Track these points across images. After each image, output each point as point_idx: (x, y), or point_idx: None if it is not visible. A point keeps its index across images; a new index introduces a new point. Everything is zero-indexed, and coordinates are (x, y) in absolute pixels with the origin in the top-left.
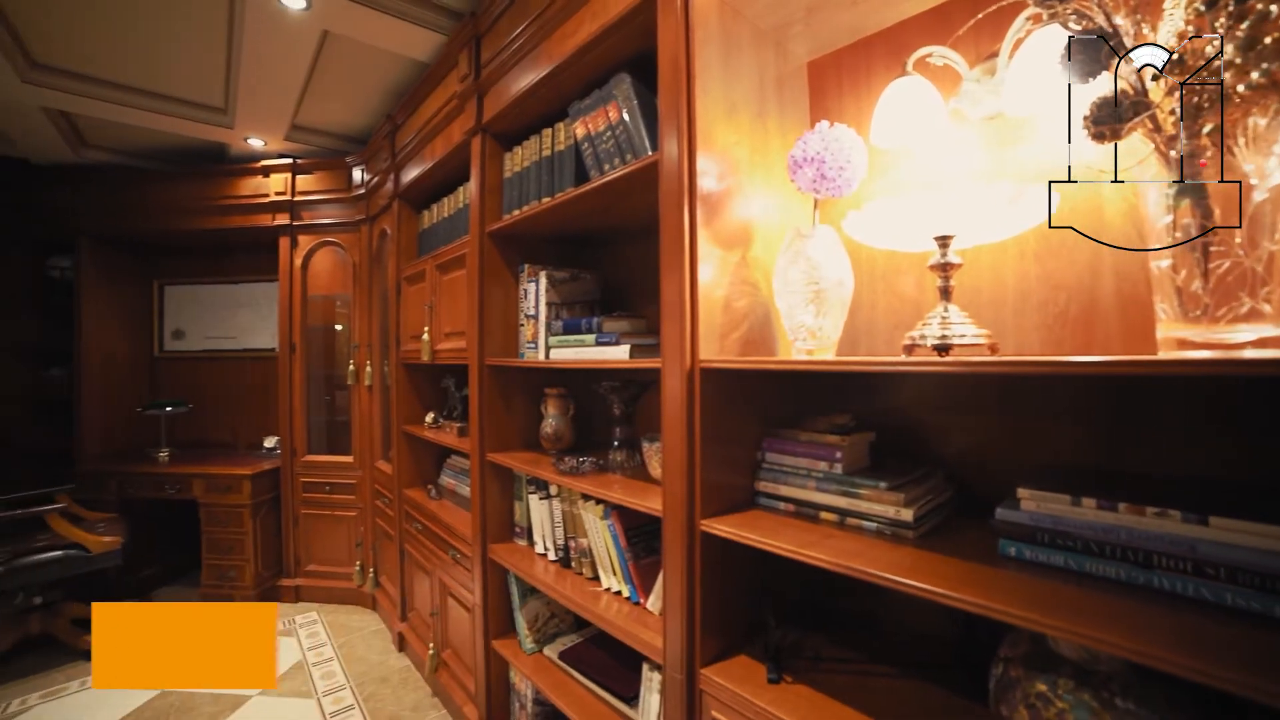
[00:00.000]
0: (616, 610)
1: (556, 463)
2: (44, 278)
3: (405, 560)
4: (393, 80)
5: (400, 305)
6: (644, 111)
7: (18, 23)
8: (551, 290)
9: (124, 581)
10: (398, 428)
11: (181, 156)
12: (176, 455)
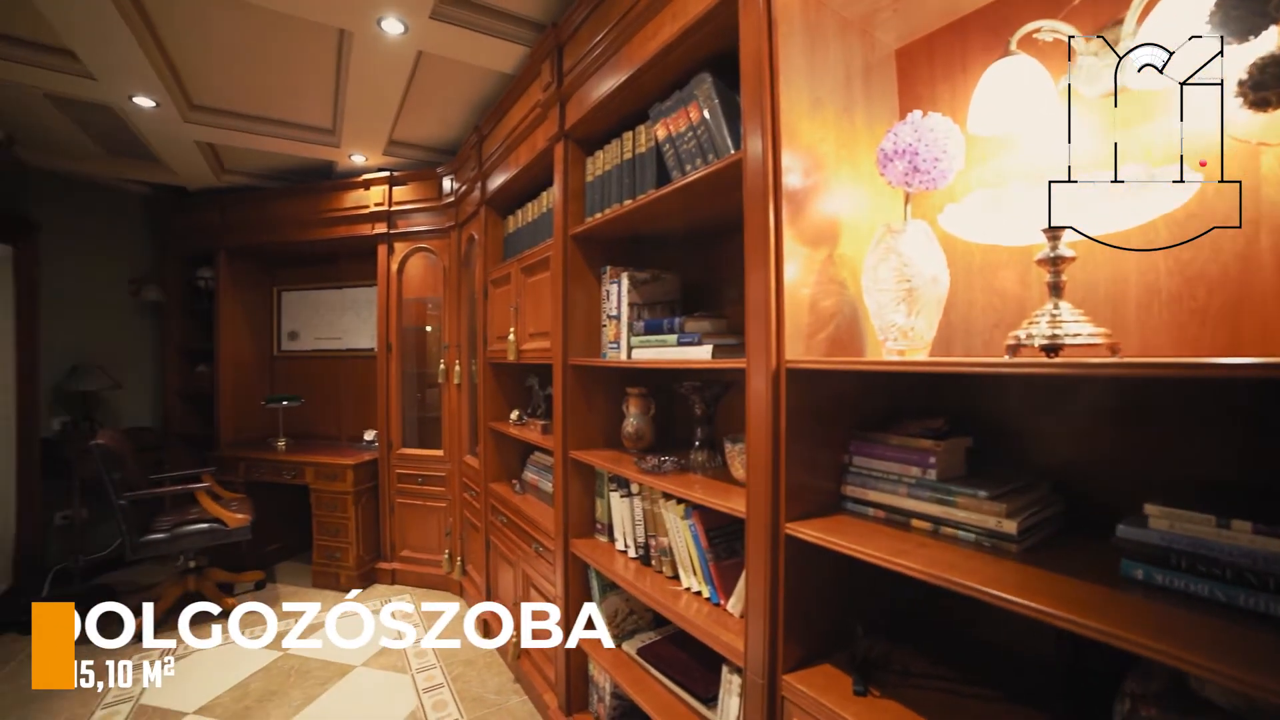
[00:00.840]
0: (696, 610)
1: (638, 461)
2: (193, 287)
3: (490, 550)
4: (479, 93)
5: (487, 307)
6: (725, 110)
7: (183, 73)
8: (633, 291)
9: (252, 554)
10: (484, 424)
11: (296, 175)
12: (292, 445)
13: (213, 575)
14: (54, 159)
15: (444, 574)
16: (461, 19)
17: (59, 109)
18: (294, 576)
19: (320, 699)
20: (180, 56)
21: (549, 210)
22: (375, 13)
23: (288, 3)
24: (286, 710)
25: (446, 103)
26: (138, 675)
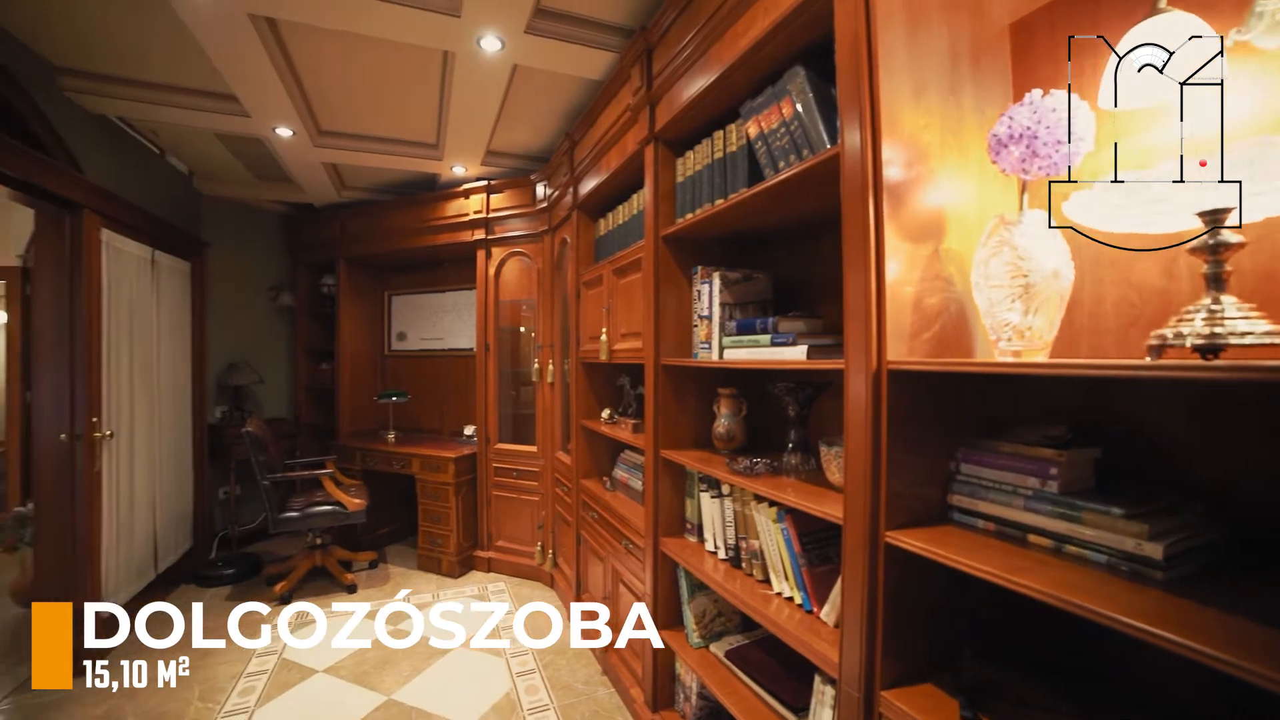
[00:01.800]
0: (788, 616)
1: (730, 462)
2: (318, 293)
3: (581, 545)
4: (570, 101)
5: (579, 308)
6: (820, 104)
7: (314, 103)
8: (725, 291)
9: (367, 536)
10: (576, 422)
11: (404, 188)
12: (400, 437)
13: (335, 552)
14: (218, 186)
15: (536, 565)
16: (553, 31)
17: (223, 144)
18: (401, 559)
19: (425, 672)
20: (312, 89)
21: (639, 212)
22: (475, 32)
23: (398, 31)
24: (397, 678)
25: (539, 112)
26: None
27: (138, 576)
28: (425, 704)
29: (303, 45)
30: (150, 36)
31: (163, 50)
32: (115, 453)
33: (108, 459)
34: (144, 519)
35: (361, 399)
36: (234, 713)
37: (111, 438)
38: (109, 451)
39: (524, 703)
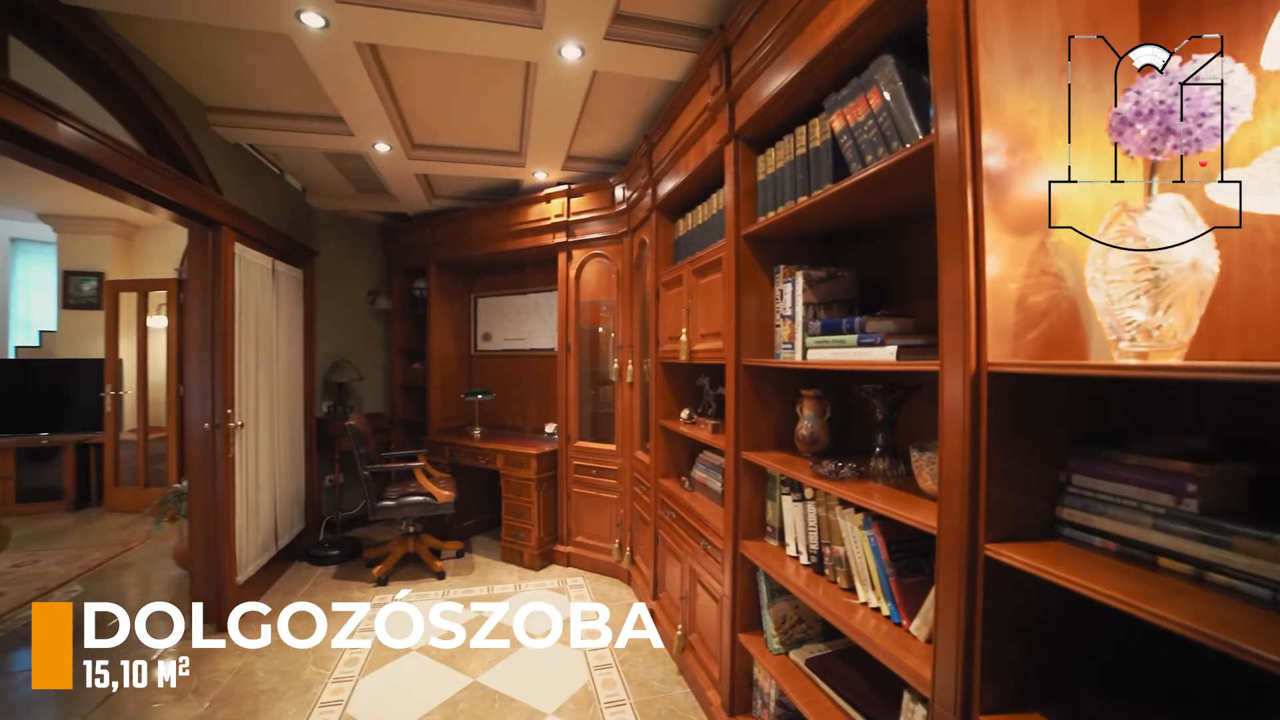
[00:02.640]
0: (874, 628)
1: (813, 465)
2: (411, 296)
3: (659, 544)
4: (647, 104)
5: (659, 308)
6: (911, 93)
7: (408, 119)
8: (809, 290)
9: (454, 526)
10: (655, 422)
11: (489, 194)
12: (485, 433)
13: (426, 541)
14: (325, 200)
15: (614, 562)
16: (631, 35)
17: (330, 161)
18: (486, 550)
19: (508, 659)
20: (406, 106)
21: (719, 211)
22: (556, 42)
23: (484, 47)
24: (482, 663)
25: (617, 116)
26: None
27: (262, 551)
28: (507, 689)
29: (398, 66)
30: (276, 72)
31: (284, 83)
32: (245, 441)
33: (239, 446)
34: (267, 500)
35: (450, 396)
36: (341, 680)
37: (241, 428)
38: (240, 440)
39: (601, 696)
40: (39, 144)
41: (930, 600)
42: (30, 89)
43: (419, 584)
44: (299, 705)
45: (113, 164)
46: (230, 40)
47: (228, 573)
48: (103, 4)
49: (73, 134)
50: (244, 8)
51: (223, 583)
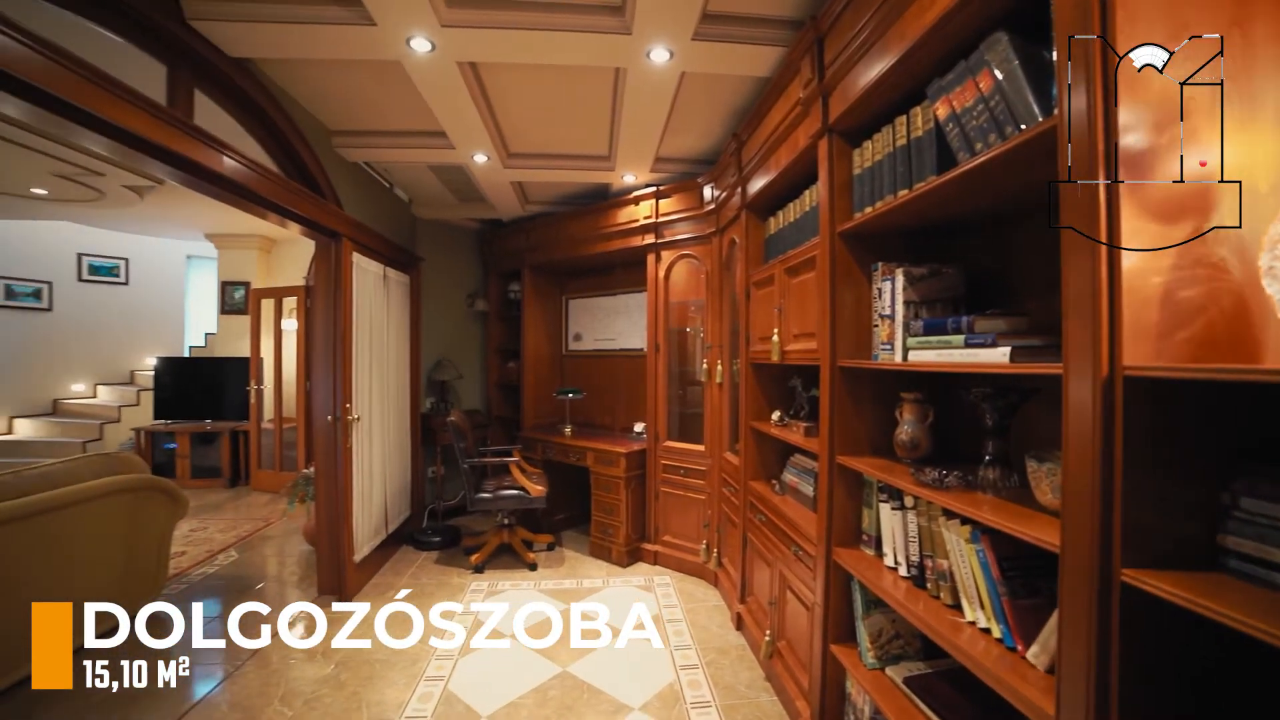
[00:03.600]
0: (984, 650)
1: (914, 473)
2: (506, 298)
3: (747, 547)
4: (736, 101)
5: (749, 308)
6: (1029, 71)
7: (504, 131)
8: (909, 288)
9: (545, 520)
10: (745, 423)
11: (580, 198)
12: (576, 431)
13: (519, 533)
14: (428, 210)
15: (701, 563)
16: (720, 34)
17: (434, 173)
18: (575, 544)
19: (596, 651)
20: (502, 118)
21: (812, 208)
22: (644, 46)
23: (575, 56)
24: (571, 654)
25: (705, 116)
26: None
27: (375, 534)
28: (595, 680)
29: (495, 80)
30: (389, 96)
31: (396, 104)
32: (360, 433)
33: (356, 438)
34: (378, 488)
35: (543, 395)
36: (444, 657)
37: (358, 421)
38: (356, 432)
39: (686, 696)
40: (210, 174)
41: (1051, 626)
42: (206, 130)
43: (512, 574)
44: (407, 676)
45: (260, 187)
46: (351, 70)
47: (347, 552)
48: (257, 53)
49: (233, 164)
50: (363, 40)
51: (343, 560)
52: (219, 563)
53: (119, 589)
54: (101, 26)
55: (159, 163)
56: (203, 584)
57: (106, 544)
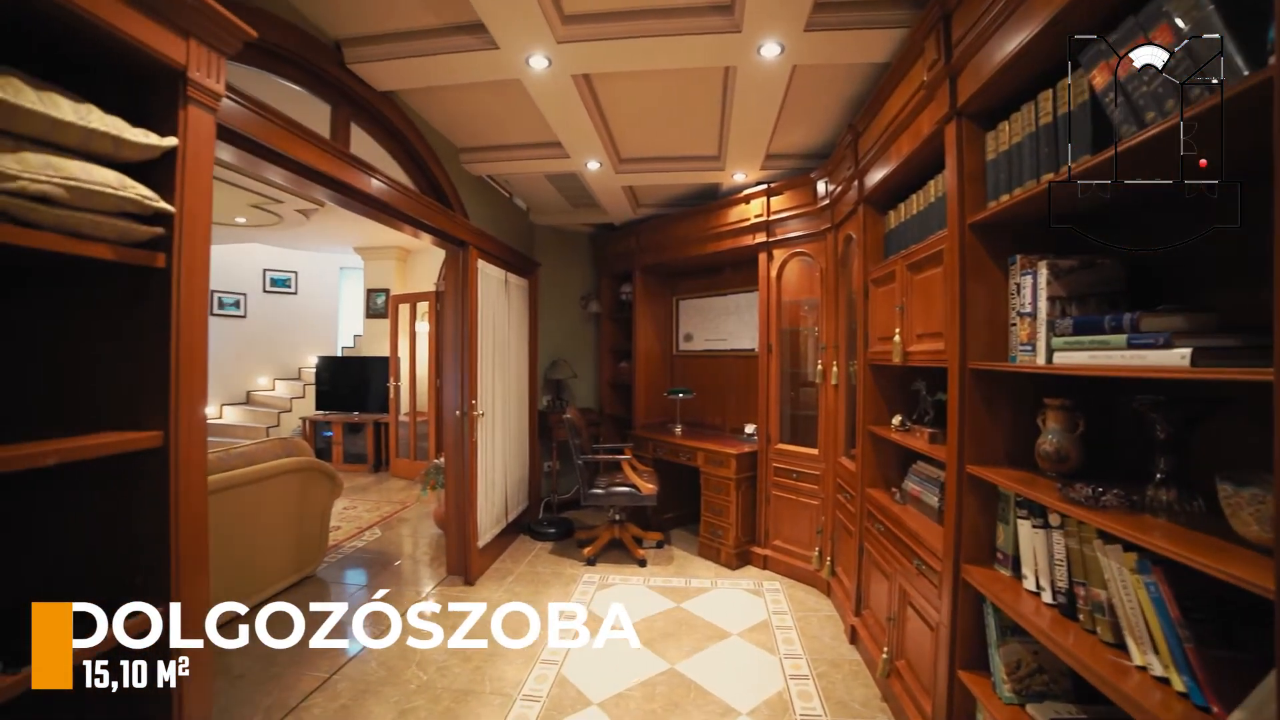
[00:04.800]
0: (1162, 704)
1: (1063, 488)
2: (618, 300)
3: (863, 557)
4: (850, 91)
5: (867, 307)
6: (1229, 16)
7: (615, 138)
8: (1055, 283)
9: (655, 518)
10: (863, 427)
11: (689, 200)
12: (685, 431)
13: (630, 529)
14: (544, 217)
15: (813, 570)
16: (834, 22)
17: (549, 182)
18: (684, 544)
19: (704, 651)
20: (614, 124)
21: (938, 199)
22: (755, 43)
23: (685, 59)
24: (678, 651)
25: (818, 109)
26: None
27: (496, 523)
28: (703, 681)
29: (606, 89)
30: (509, 111)
31: (515, 119)
32: (484, 428)
33: (481, 432)
34: (500, 479)
35: (653, 394)
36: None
37: (483, 416)
38: (481, 426)
39: (797, 707)
40: (362, 195)
41: (1267, 691)
42: (359, 158)
43: (622, 568)
44: (524, 658)
45: (399, 203)
46: (475, 92)
47: (472, 537)
48: (399, 85)
49: (379, 185)
50: (487, 63)
51: (468, 544)
52: (366, 539)
53: (294, 554)
54: (286, 80)
55: (323, 188)
56: (353, 556)
57: (284, 515)
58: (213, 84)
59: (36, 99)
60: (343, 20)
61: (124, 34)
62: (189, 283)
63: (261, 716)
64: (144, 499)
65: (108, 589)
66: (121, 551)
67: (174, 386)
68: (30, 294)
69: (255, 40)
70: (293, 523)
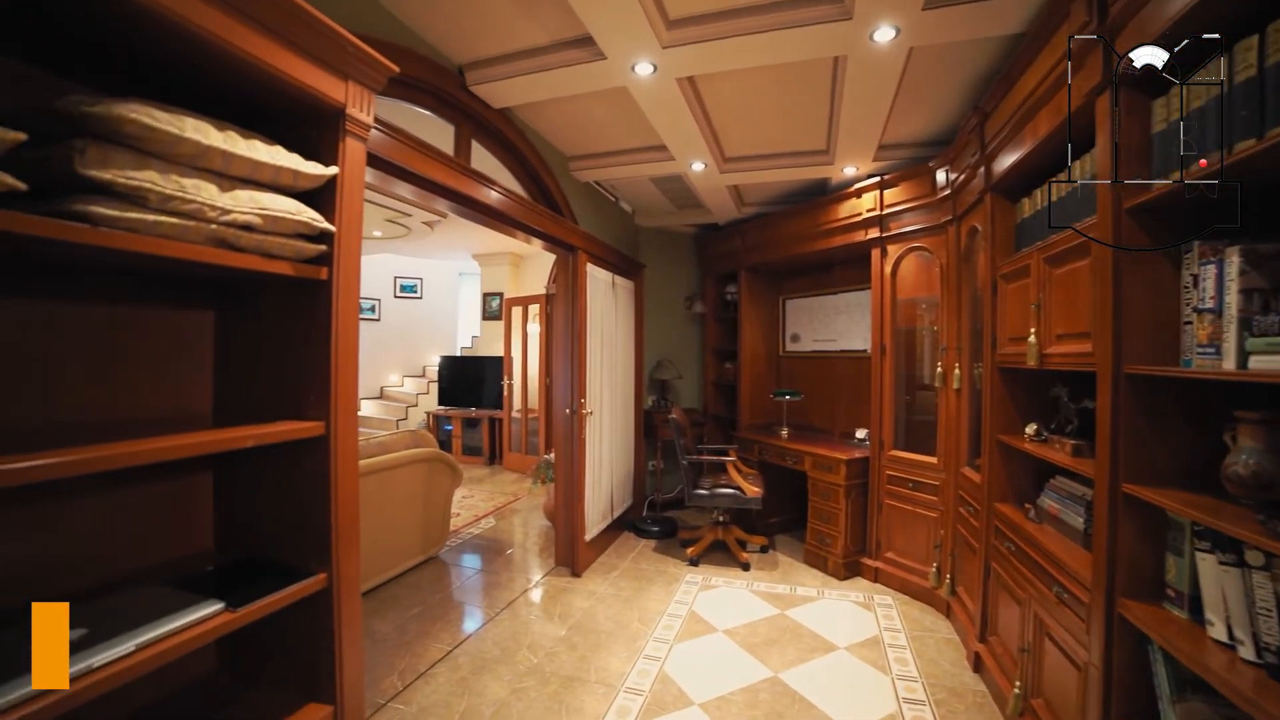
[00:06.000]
0: None
1: (1268, 521)
2: (723, 300)
3: (990, 578)
4: (975, 70)
5: (995, 305)
6: None
7: (721, 138)
8: (1251, 273)
9: (759, 522)
10: (989, 436)
11: (796, 196)
12: (792, 434)
13: (734, 531)
14: (649, 219)
15: (930, 587)
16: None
17: (654, 184)
18: (789, 550)
19: (809, 662)
20: (718, 124)
21: (1086, 181)
22: (867, 28)
23: (792, 53)
24: (782, 660)
25: (936, 93)
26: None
27: (602, 518)
28: (807, 693)
29: (710, 89)
30: (615, 119)
31: (621, 126)
32: (592, 426)
33: (588, 429)
34: (606, 476)
35: (759, 395)
36: (659, 640)
37: (591, 415)
38: (589, 424)
39: None
40: (481, 206)
41: None
42: (479, 171)
43: (725, 571)
44: (628, 650)
45: (514, 211)
46: (583, 101)
47: (579, 530)
48: (514, 101)
49: (496, 195)
50: (595, 74)
51: (576, 538)
52: (482, 527)
53: (421, 537)
54: (417, 106)
55: (447, 200)
56: (470, 542)
57: (413, 500)
58: (365, 117)
59: (246, 146)
60: (466, 47)
61: (301, 83)
62: (345, 292)
63: (396, 677)
64: (309, 479)
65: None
66: (291, 520)
67: (333, 383)
68: (230, 309)
69: (396, 75)
70: (419, 508)
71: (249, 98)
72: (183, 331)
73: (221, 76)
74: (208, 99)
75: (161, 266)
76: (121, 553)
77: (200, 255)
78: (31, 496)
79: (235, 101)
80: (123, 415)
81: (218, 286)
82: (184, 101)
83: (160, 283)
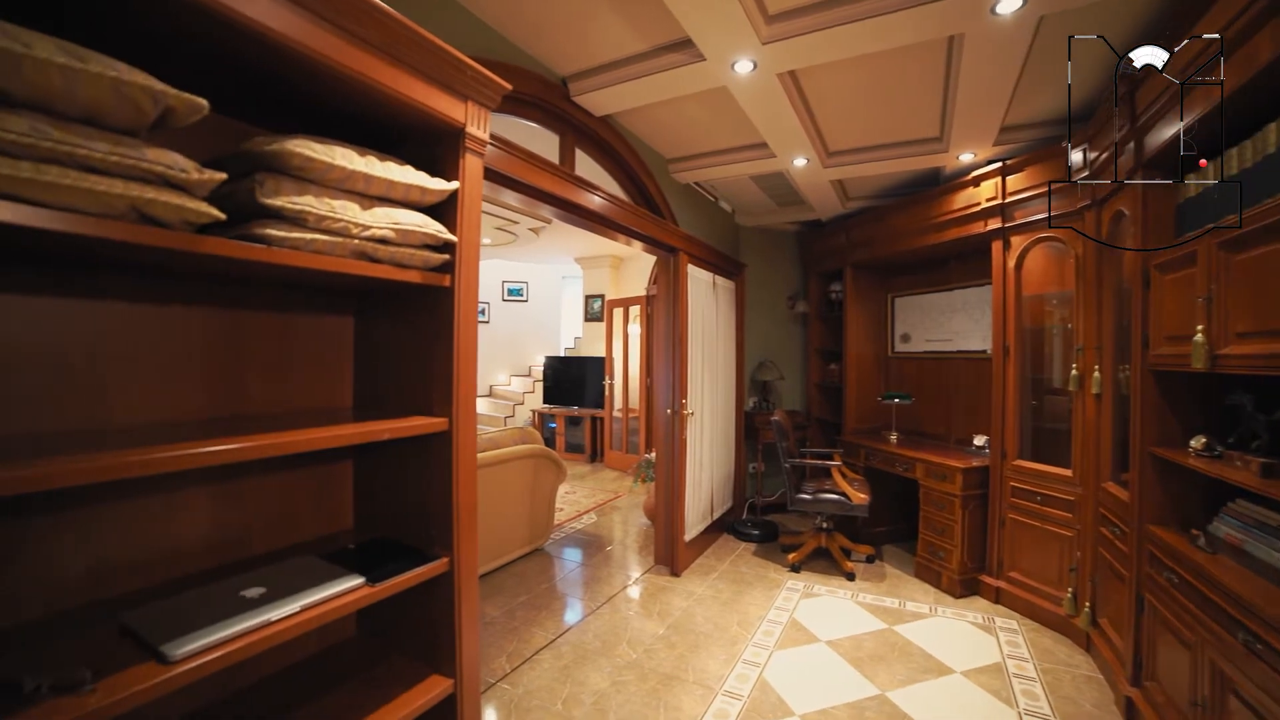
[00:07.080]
0: None
1: None
2: (827, 299)
3: (1145, 613)
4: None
5: (1148, 299)
6: None
7: (824, 132)
8: None
9: (864, 530)
10: (1141, 448)
11: (905, 188)
12: (902, 439)
13: (838, 539)
14: (749, 218)
15: (1064, 615)
16: None
17: (754, 182)
18: (897, 562)
19: (920, 684)
20: (820, 118)
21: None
22: (988, 1)
23: (904, 36)
24: (890, 679)
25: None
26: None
27: (701, 519)
28: (918, 717)
29: (812, 82)
30: (714, 119)
31: (720, 125)
32: (693, 426)
33: (689, 430)
34: (706, 477)
35: (865, 398)
36: (759, 646)
37: (692, 415)
38: (690, 425)
39: None
40: (584, 211)
41: None
42: (582, 178)
43: (828, 579)
44: (727, 654)
45: (616, 215)
46: (682, 104)
47: (679, 530)
48: (615, 108)
49: (599, 200)
50: (695, 75)
51: (676, 538)
52: (584, 522)
53: (527, 529)
54: (525, 119)
55: (552, 206)
56: (573, 536)
57: (521, 494)
58: (482, 134)
59: (382, 168)
60: (570, 59)
61: (426, 107)
62: (465, 297)
63: (505, 659)
64: (434, 469)
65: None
66: (415, 506)
67: (455, 381)
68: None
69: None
70: (526, 501)
71: (381, 123)
72: (330, 334)
73: (360, 106)
74: (348, 127)
75: (313, 279)
76: (286, 526)
77: (347, 267)
78: (222, 474)
79: (370, 126)
80: (285, 408)
81: (355, 294)
82: (328, 131)
83: (309, 291)
